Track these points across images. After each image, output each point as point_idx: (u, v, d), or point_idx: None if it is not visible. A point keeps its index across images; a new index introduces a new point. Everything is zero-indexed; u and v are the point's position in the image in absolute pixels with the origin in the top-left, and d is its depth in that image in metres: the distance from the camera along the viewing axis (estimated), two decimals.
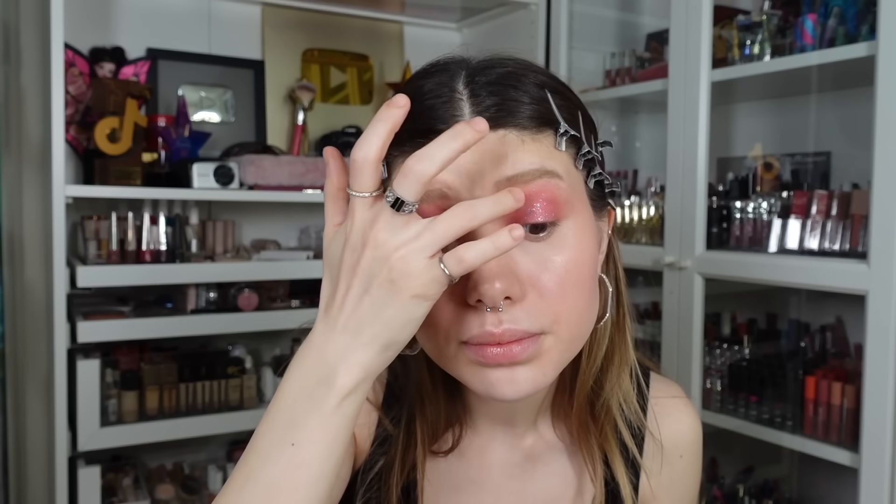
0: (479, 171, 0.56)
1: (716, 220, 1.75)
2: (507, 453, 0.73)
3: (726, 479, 1.96)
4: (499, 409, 0.71)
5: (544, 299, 0.57)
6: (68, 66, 1.83)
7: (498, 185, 0.56)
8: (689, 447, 0.79)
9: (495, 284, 0.54)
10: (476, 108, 0.57)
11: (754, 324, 1.95)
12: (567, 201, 0.58)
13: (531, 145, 0.57)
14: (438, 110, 0.57)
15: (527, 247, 0.57)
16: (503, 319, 0.56)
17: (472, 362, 0.58)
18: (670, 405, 0.78)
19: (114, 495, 1.81)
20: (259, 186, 1.84)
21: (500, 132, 0.57)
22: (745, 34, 1.70)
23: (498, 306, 0.55)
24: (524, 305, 0.56)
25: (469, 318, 0.57)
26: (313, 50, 2.22)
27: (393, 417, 0.72)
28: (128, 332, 1.73)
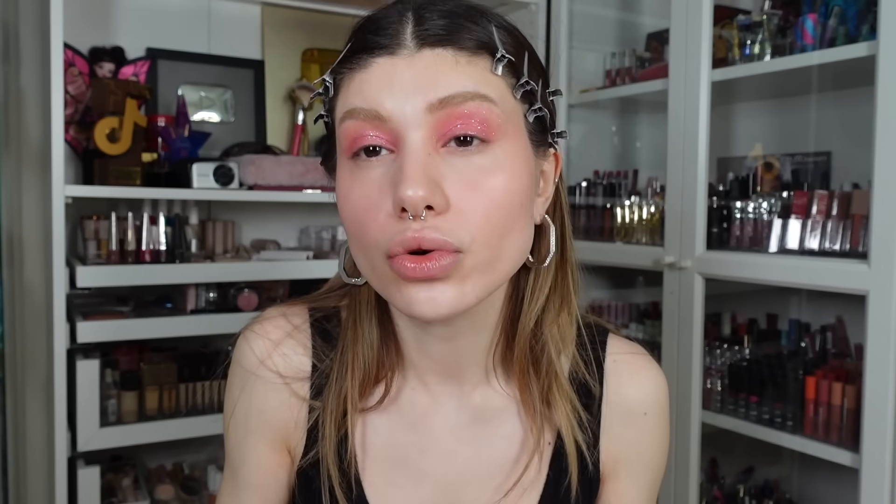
0: (412, 90, 0.58)
1: (716, 220, 1.75)
2: (454, 414, 0.71)
3: (726, 479, 1.96)
4: (443, 361, 0.69)
5: (465, 216, 0.58)
6: (68, 65, 1.83)
7: (430, 106, 0.58)
8: (653, 404, 0.75)
9: (418, 191, 0.55)
10: (417, 27, 0.59)
11: (754, 324, 1.95)
12: (500, 126, 0.59)
13: (466, 67, 0.59)
14: (383, 29, 0.60)
15: (453, 163, 0.58)
16: (424, 226, 0.57)
17: (395, 279, 0.59)
18: (630, 361, 0.76)
19: (113, 495, 1.81)
20: (259, 186, 1.84)
21: (436, 50, 0.59)
22: (745, 34, 1.70)
23: (420, 214, 0.56)
24: (446, 218, 0.57)
25: (392, 226, 0.58)
26: (313, 50, 2.22)
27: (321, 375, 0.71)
28: (127, 333, 1.72)
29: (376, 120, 0.58)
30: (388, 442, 0.71)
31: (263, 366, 0.71)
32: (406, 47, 0.59)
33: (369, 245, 0.60)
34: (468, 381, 0.71)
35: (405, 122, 0.58)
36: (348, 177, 0.61)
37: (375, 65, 0.59)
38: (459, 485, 0.70)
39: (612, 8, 2.32)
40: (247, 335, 0.73)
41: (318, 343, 0.72)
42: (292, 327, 0.72)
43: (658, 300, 1.95)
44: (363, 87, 0.59)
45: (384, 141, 0.59)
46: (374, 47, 0.59)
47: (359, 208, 0.60)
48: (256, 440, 0.72)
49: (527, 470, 0.69)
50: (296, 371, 0.71)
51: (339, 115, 0.61)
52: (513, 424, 0.71)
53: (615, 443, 0.74)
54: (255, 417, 0.71)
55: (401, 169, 0.57)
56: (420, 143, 0.57)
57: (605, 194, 2.09)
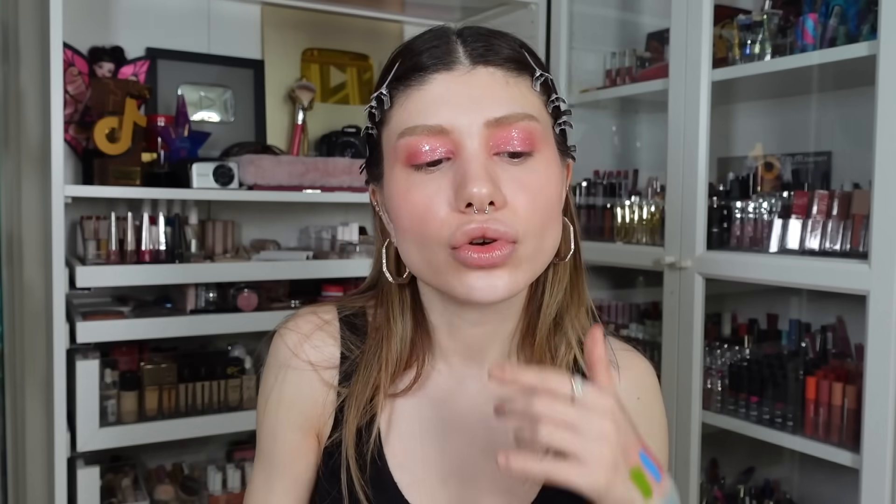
0: (471, 105, 0.66)
1: (716, 220, 1.75)
2: (477, 393, 0.77)
3: (727, 479, 1.96)
4: (470, 344, 0.76)
5: (518, 212, 0.66)
6: (67, 65, 1.83)
7: (488, 122, 0.66)
8: (646, 390, 0.81)
9: (483, 189, 0.63)
10: (466, 48, 0.68)
11: (755, 324, 1.95)
12: (540, 139, 0.69)
13: (513, 87, 0.68)
14: (436, 48, 0.68)
15: (506, 168, 0.67)
16: (487, 219, 0.65)
17: (456, 267, 0.66)
18: (623, 355, 0.81)
19: (113, 496, 1.81)
20: (259, 186, 1.84)
21: (489, 69, 0.67)
22: (745, 34, 1.70)
23: (484, 208, 0.64)
24: (504, 213, 0.65)
25: (456, 221, 0.65)
26: (313, 49, 2.22)
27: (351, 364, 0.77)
28: (127, 333, 1.72)
29: (439, 133, 0.66)
30: (413, 421, 0.77)
31: (295, 357, 0.78)
32: (461, 64, 0.67)
33: (430, 238, 0.66)
34: (490, 364, 0.76)
35: (465, 133, 0.66)
36: (406, 182, 0.68)
37: (434, 81, 0.67)
38: (481, 458, 0.75)
39: (612, 8, 2.32)
40: (280, 332, 0.80)
41: (346, 335, 0.79)
42: (323, 322, 0.79)
43: (658, 300, 1.94)
44: (424, 103, 0.67)
45: (445, 152, 0.66)
46: (431, 64, 0.67)
47: (420, 207, 0.66)
48: (287, 427, 0.78)
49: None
50: (326, 360, 0.78)
51: (397, 131, 0.68)
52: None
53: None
54: (287, 405, 0.78)
55: (465, 170, 0.65)
56: (479, 149, 0.66)
57: (606, 194, 2.08)
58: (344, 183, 1.93)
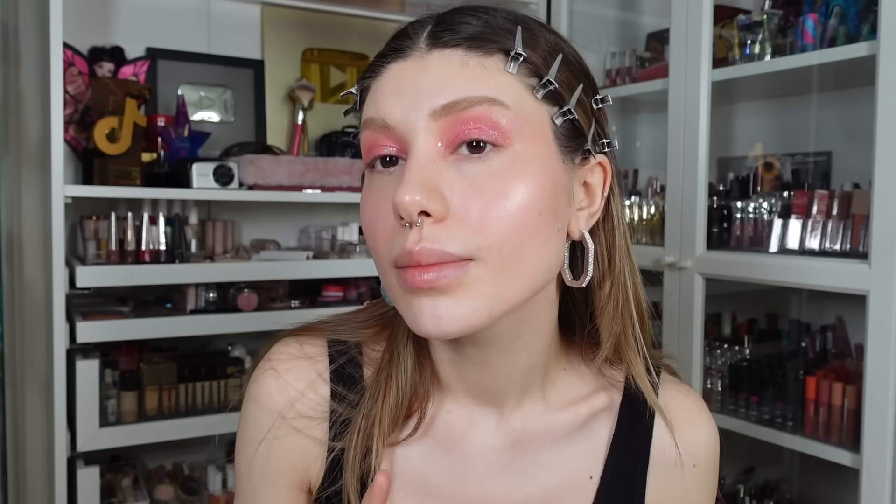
0: (417, 96, 0.55)
1: (716, 220, 1.75)
2: (491, 437, 0.67)
3: (727, 479, 1.96)
4: (479, 383, 0.65)
5: (472, 223, 0.54)
6: (67, 65, 1.83)
7: (434, 113, 0.55)
8: (703, 456, 0.70)
9: (414, 196, 0.52)
10: (432, 30, 0.58)
11: (755, 324, 1.95)
12: (514, 130, 0.55)
13: (475, 69, 0.55)
14: (404, 34, 0.59)
15: (465, 169, 0.55)
16: (423, 236, 0.53)
17: (402, 292, 0.56)
18: (683, 406, 0.70)
19: (113, 496, 1.81)
20: (259, 186, 1.84)
21: (445, 52, 0.56)
22: (745, 34, 1.70)
23: (414, 220, 0.53)
24: (447, 225, 0.54)
25: (393, 236, 0.56)
26: (313, 49, 2.21)
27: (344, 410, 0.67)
28: (127, 333, 1.72)
29: (385, 129, 0.57)
30: (420, 470, 0.66)
31: (277, 412, 0.68)
32: (417, 50, 0.57)
33: (380, 255, 0.58)
34: (508, 404, 0.67)
35: (411, 129, 0.55)
36: (366, 187, 0.60)
37: (387, 71, 0.58)
38: None
39: (612, 8, 2.32)
40: (258, 375, 0.70)
41: (337, 376, 0.68)
42: (307, 357, 0.69)
43: (658, 300, 1.94)
44: (376, 96, 0.58)
45: (394, 150, 0.57)
46: (388, 52, 0.59)
47: (369, 218, 0.58)
48: (273, 486, 0.70)
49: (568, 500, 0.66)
50: (313, 410, 0.67)
51: (361, 127, 0.60)
52: (553, 452, 0.67)
53: (661, 490, 0.69)
54: (273, 464, 0.69)
55: (400, 176, 0.55)
56: (423, 149, 0.55)
57: None
58: (344, 183, 1.93)
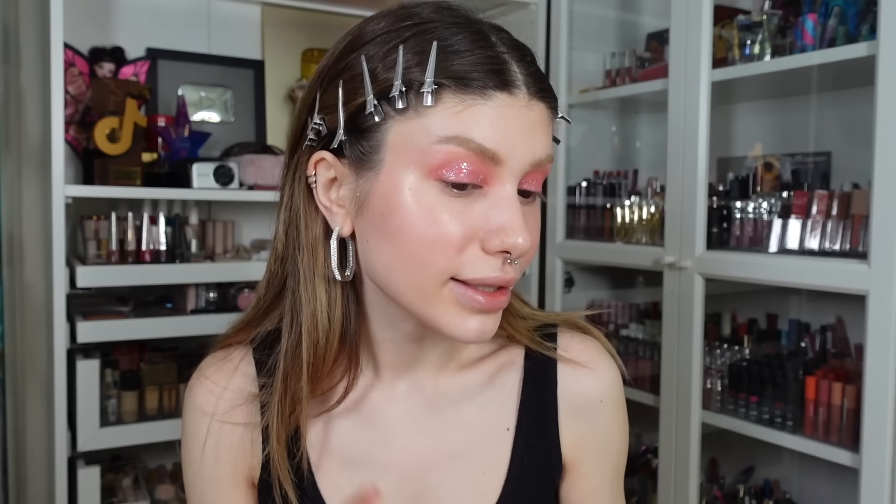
0: (526, 143, 0.60)
1: (716, 220, 1.75)
2: (411, 405, 0.72)
3: (726, 479, 1.96)
4: (409, 356, 0.71)
5: (528, 255, 0.63)
6: (68, 65, 1.83)
7: (532, 165, 0.61)
8: (607, 391, 0.75)
9: (527, 240, 0.60)
10: (524, 71, 0.61)
11: (754, 324, 1.95)
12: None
13: (550, 128, 0.64)
14: (489, 60, 0.59)
15: (522, 209, 0.62)
16: (509, 269, 0.61)
17: (454, 303, 0.61)
18: (581, 350, 0.75)
19: (113, 495, 1.81)
20: (259, 186, 1.84)
21: (541, 105, 0.62)
22: (745, 34, 1.70)
23: (517, 260, 0.61)
24: (520, 260, 0.63)
25: (476, 261, 0.60)
26: (313, 50, 2.22)
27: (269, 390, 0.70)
28: (127, 333, 1.72)
29: (489, 160, 0.59)
30: (348, 442, 0.71)
31: (208, 413, 0.73)
32: (521, 89, 0.60)
33: (434, 266, 0.60)
34: (423, 373, 0.73)
35: (511, 171, 0.60)
36: (426, 196, 0.59)
37: (494, 99, 0.59)
38: (422, 473, 0.71)
39: (612, 8, 2.32)
40: (197, 385, 0.76)
41: (262, 364, 0.73)
42: (232, 365, 0.75)
43: (658, 300, 1.94)
44: (482, 121, 0.58)
45: (479, 179, 0.59)
46: (492, 79, 0.59)
47: (437, 233, 0.59)
48: (219, 486, 0.73)
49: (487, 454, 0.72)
50: (240, 399, 0.72)
51: (442, 132, 0.58)
52: (468, 410, 0.73)
53: (575, 430, 0.74)
54: (217, 464, 0.73)
55: (507, 213, 0.60)
56: (516, 191, 0.61)
57: (605, 194, 2.09)
58: None
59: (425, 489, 0.71)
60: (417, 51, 0.59)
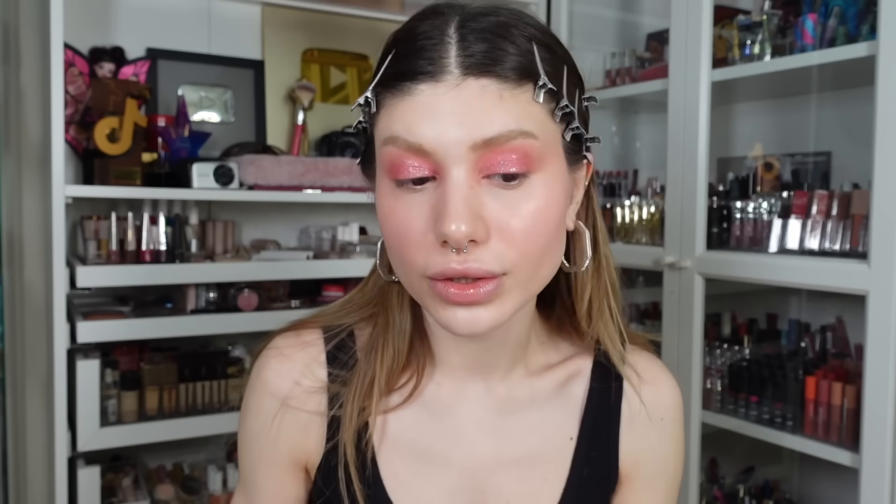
0: (457, 125, 0.58)
1: (716, 220, 1.75)
2: (480, 406, 0.73)
3: (727, 479, 1.96)
4: (473, 357, 0.72)
5: (508, 243, 0.59)
6: (68, 65, 1.83)
7: (474, 145, 0.58)
8: (668, 411, 0.77)
9: (461, 227, 0.57)
10: (462, 52, 0.59)
11: (754, 324, 1.95)
12: (540, 157, 0.60)
13: (509, 102, 0.59)
14: (427, 51, 0.59)
15: (496, 193, 0.60)
16: (467, 259, 0.59)
17: (434, 297, 0.61)
18: (646, 367, 0.78)
19: (113, 495, 1.81)
20: (259, 186, 1.84)
21: (482, 81, 0.58)
22: (745, 34, 1.70)
23: (462, 248, 0.58)
24: (488, 247, 0.59)
25: (434, 253, 0.60)
26: (313, 50, 2.22)
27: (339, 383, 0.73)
28: (127, 333, 1.72)
29: (420, 152, 0.59)
30: (413, 435, 0.72)
31: (276, 390, 0.74)
32: (450, 73, 0.58)
33: (409, 264, 0.62)
34: (495, 375, 0.73)
35: (448, 157, 0.58)
36: (390, 197, 0.62)
37: (419, 92, 0.59)
38: (486, 473, 0.72)
39: (612, 8, 2.32)
40: (259, 361, 0.76)
41: (333, 355, 0.74)
42: (304, 344, 0.75)
43: (658, 300, 1.94)
44: (406, 116, 0.59)
45: (426, 171, 0.60)
46: (417, 72, 0.59)
47: (401, 229, 0.61)
48: (269, 462, 0.75)
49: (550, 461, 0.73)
50: (311, 387, 0.73)
51: (381, 137, 0.62)
52: (535, 417, 0.74)
53: (633, 445, 0.76)
54: (276, 444, 0.74)
55: (444, 203, 0.58)
56: (463, 177, 0.58)
57: (605, 194, 2.09)
58: (344, 183, 1.93)
59: (487, 490, 0.72)
60: (383, 61, 0.63)
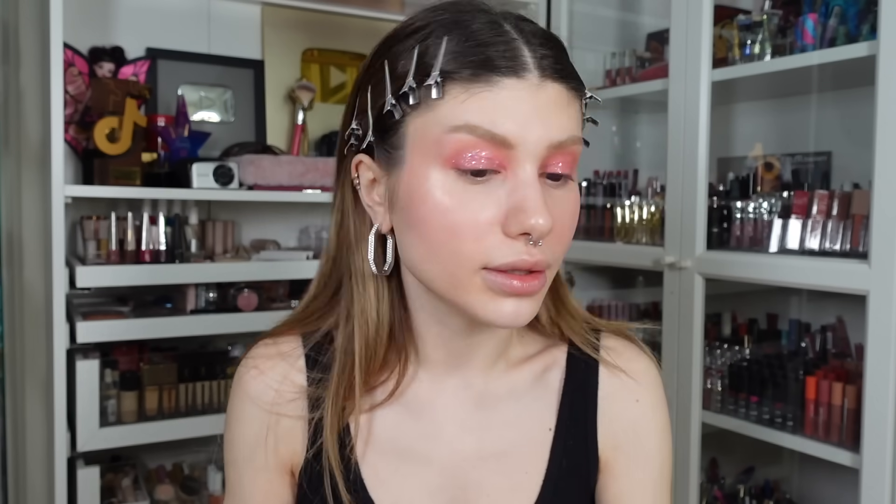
0: (539, 125, 0.60)
1: (716, 220, 1.75)
2: (458, 402, 0.73)
3: (727, 479, 1.96)
4: (458, 353, 0.72)
5: (559, 238, 0.63)
6: (67, 65, 1.83)
7: (550, 146, 0.61)
8: (644, 391, 0.77)
9: (542, 221, 0.59)
10: (534, 54, 0.62)
11: (755, 324, 1.95)
12: (577, 160, 0.65)
13: (572, 108, 0.63)
14: (502, 47, 0.61)
15: (549, 192, 0.63)
16: (537, 252, 0.61)
17: (486, 289, 0.62)
18: (620, 352, 0.78)
19: (113, 496, 1.81)
20: (259, 186, 1.84)
21: (557, 86, 0.62)
22: (745, 34, 1.70)
23: (539, 242, 0.60)
24: (549, 242, 0.62)
25: (501, 245, 0.61)
26: (313, 50, 2.21)
27: (319, 387, 0.73)
28: (127, 333, 1.72)
29: (502, 144, 0.60)
30: (394, 434, 0.73)
31: (256, 398, 0.75)
32: (531, 72, 0.60)
33: (463, 255, 0.61)
34: (475, 369, 0.74)
35: (528, 153, 0.60)
36: (445, 185, 0.61)
37: (503, 86, 0.60)
38: (466, 469, 0.73)
39: (612, 8, 2.32)
40: (240, 370, 0.77)
41: (312, 361, 0.75)
42: (283, 353, 0.76)
43: (658, 300, 1.94)
44: (490, 107, 0.60)
45: (499, 165, 0.61)
46: (502, 66, 0.60)
47: (459, 220, 0.61)
48: (254, 468, 0.75)
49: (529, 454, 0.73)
50: (290, 392, 0.74)
51: (450, 124, 0.60)
52: (514, 409, 0.74)
53: (612, 429, 0.76)
54: (251, 447, 0.75)
55: (525, 196, 0.60)
56: (536, 174, 0.61)
57: (606, 194, 2.09)
58: None
59: (469, 485, 0.72)
60: (430, 47, 0.62)
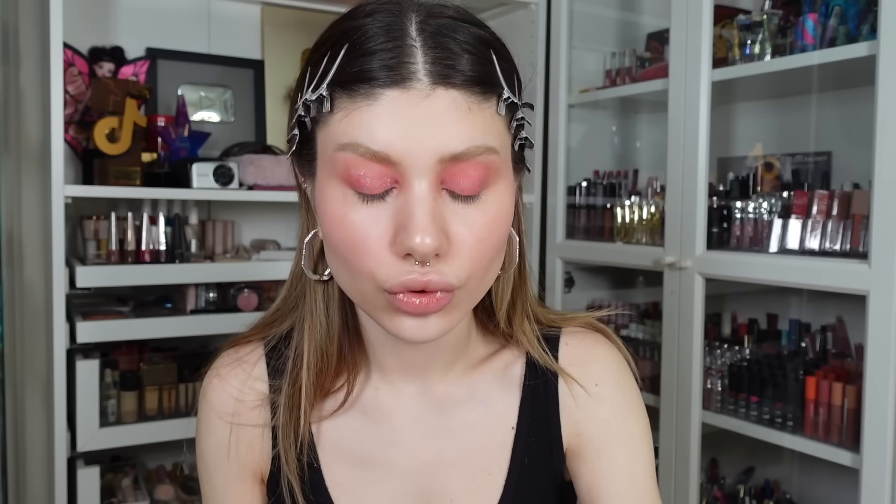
0: (426, 137, 0.56)
1: (716, 220, 1.75)
2: (418, 408, 0.73)
3: (727, 479, 1.96)
4: (411, 361, 0.71)
5: (464, 257, 0.59)
6: (67, 65, 1.83)
7: (442, 160, 0.56)
8: (602, 374, 0.73)
9: (427, 240, 0.56)
10: (428, 59, 0.56)
11: (755, 324, 1.95)
12: (497, 171, 0.60)
13: (476, 115, 0.57)
14: (390, 53, 0.57)
15: (454, 207, 0.59)
16: (428, 272, 0.58)
17: (388, 306, 0.60)
18: (578, 342, 0.75)
19: (113, 496, 1.81)
20: (259, 186, 1.84)
21: (451, 93, 0.56)
22: (745, 34, 1.70)
23: (427, 261, 0.57)
24: (447, 261, 0.58)
25: (391, 265, 0.58)
26: None
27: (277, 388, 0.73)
28: (127, 333, 1.72)
29: (384, 162, 0.56)
30: (353, 442, 0.72)
31: (219, 410, 0.74)
32: (419, 81, 0.56)
33: (362, 273, 0.59)
34: (433, 375, 0.73)
35: (414, 168, 0.56)
36: (341, 202, 0.59)
37: (384, 98, 0.56)
38: (427, 474, 0.72)
39: (612, 8, 2.31)
40: (204, 384, 0.77)
41: (273, 366, 0.75)
42: (244, 363, 0.76)
43: (658, 300, 1.94)
44: (370, 122, 0.56)
45: (390, 182, 0.57)
46: (382, 77, 0.56)
47: (356, 237, 0.58)
48: (223, 478, 0.75)
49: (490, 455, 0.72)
50: (252, 401, 0.74)
51: (337, 142, 0.58)
52: (476, 411, 0.73)
53: (574, 419, 0.73)
54: (219, 457, 0.75)
55: (409, 215, 0.56)
56: (427, 189, 0.57)
57: (606, 194, 2.09)
58: None
59: (432, 492, 0.72)
60: (330, 57, 0.59)
